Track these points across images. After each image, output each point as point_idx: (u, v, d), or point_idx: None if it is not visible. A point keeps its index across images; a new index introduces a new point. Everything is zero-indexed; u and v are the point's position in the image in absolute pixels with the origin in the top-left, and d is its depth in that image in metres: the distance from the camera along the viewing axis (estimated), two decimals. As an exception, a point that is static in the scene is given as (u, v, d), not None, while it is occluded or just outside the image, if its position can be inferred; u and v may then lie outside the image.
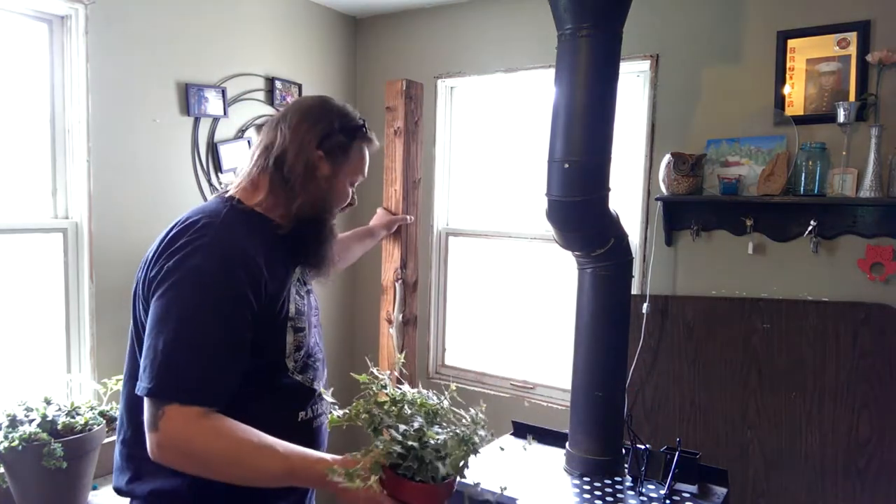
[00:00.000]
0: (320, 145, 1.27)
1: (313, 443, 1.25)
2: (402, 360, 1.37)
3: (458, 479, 1.04)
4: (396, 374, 2.60)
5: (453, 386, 1.18)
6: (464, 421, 1.07)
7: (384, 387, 1.10)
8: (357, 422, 1.05)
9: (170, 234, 1.18)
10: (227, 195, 1.27)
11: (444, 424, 1.06)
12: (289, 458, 1.07)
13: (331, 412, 1.10)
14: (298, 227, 1.27)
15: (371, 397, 1.08)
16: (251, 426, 1.10)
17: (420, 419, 1.05)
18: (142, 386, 1.08)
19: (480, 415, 1.09)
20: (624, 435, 2.04)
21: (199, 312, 1.09)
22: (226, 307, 1.11)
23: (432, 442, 1.00)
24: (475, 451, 1.03)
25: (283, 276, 1.24)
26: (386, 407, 1.05)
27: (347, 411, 1.05)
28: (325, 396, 1.09)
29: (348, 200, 1.37)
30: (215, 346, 1.10)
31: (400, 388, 1.12)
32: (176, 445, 1.06)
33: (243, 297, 1.13)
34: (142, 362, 1.10)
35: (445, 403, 1.10)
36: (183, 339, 1.08)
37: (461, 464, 1.00)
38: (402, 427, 1.01)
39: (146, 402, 1.08)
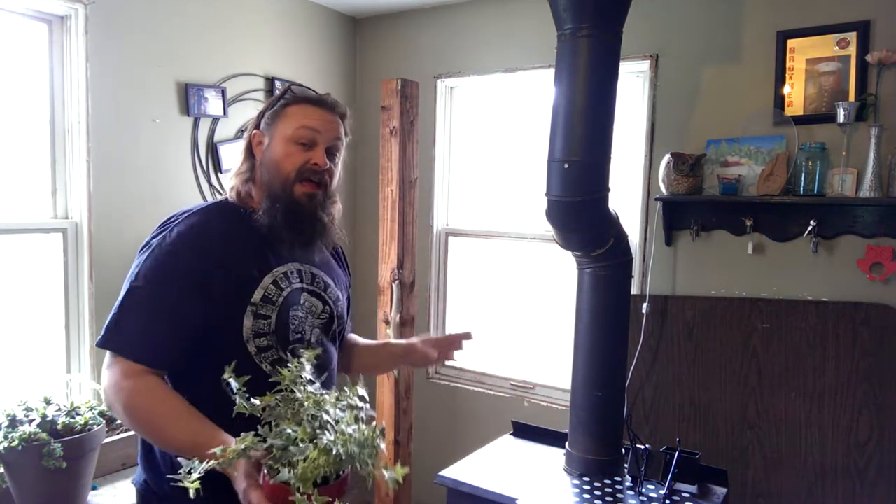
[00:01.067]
0: (257, 126, 1.39)
1: None
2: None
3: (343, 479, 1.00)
4: (395, 374, 2.62)
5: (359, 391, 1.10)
6: (348, 432, 1.00)
7: (296, 384, 1.05)
8: (257, 412, 1.03)
9: (162, 222, 1.36)
10: (223, 197, 1.41)
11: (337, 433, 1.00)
12: (197, 434, 1.12)
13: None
14: (269, 208, 1.33)
15: (283, 393, 1.05)
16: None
17: (317, 423, 0.99)
18: (99, 337, 1.25)
19: (374, 432, 1.01)
20: (624, 435, 2.04)
21: (148, 280, 1.24)
22: (173, 279, 1.24)
23: (300, 447, 0.96)
24: (339, 466, 0.96)
25: (256, 264, 1.31)
26: (292, 405, 1.03)
27: (257, 402, 1.03)
28: (231, 382, 1.05)
29: (303, 160, 1.33)
30: (158, 311, 1.23)
31: (314, 388, 1.07)
32: (111, 394, 1.19)
33: (192, 273, 1.24)
34: None
35: (337, 413, 1.03)
36: (131, 302, 1.24)
37: (314, 474, 0.93)
38: (286, 426, 0.99)
39: (107, 353, 1.24)
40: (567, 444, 2.08)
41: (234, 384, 1.04)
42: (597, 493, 1.88)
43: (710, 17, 2.56)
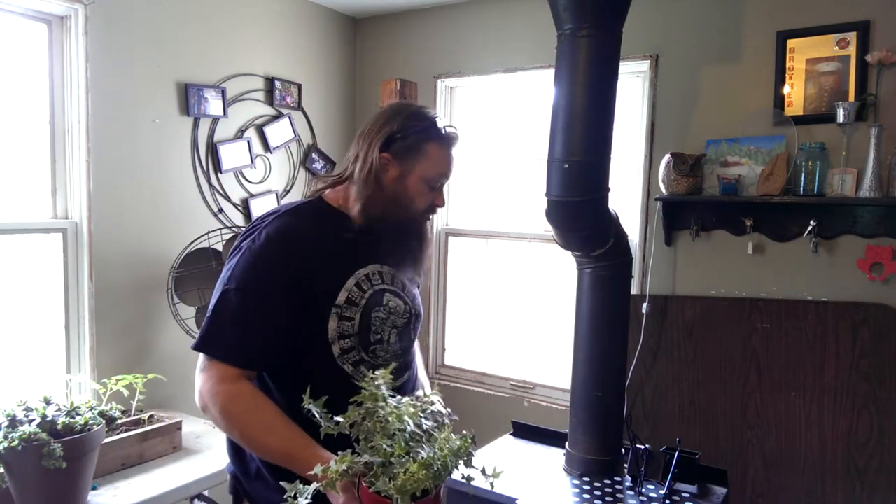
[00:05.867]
0: (385, 148, 1.34)
1: None
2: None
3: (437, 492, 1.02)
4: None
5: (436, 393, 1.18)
6: (445, 446, 1.01)
7: (377, 399, 1.06)
8: (345, 430, 1.03)
9: (251, 221, 1.39)
10: (317, 195, 1.43)
11: (430, 445, 1.01)
12: (290, 443, 1.16)
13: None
14: (376, 227, 1.36)
15: (365, 406, 1.05)
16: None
17: (407, 435, 1.01)
18: (195, 340, 1.26)
19: (467, 441, 1.03)
20: (624, 435, 2.04)
21: (240, 284, 1.25)
22: (264, 282, 1.25)
23: (399, 461, 0.97)
24: (439, 479, 0.99)
25: (341, 267, 1.33)
26: (376, 417, 1.03)
27: (340, 420, 1.03)
28: (311, 408, 1.05)
29: (430, 201, 1.40)
30: (251, 314, 1.24)
31: (394, 401, 1.07)
32: (207, 398, 1.21)
33: (282, 276, 1.26)
34: None
35: (426, 423, 1.05)
36: (224, 305, 1.25)
37: (414, 488, 0.94)
38: (380, 441, 0.99)
39: (200, 355, 1.26)
40: (567, 444, 2.08)
41: (314, 410, 1.05)
42: (597, 493, 1.88)
43: (710, 17, 2.56)
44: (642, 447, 1.94)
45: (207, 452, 2.22)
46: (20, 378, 2.32)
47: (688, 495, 1.86)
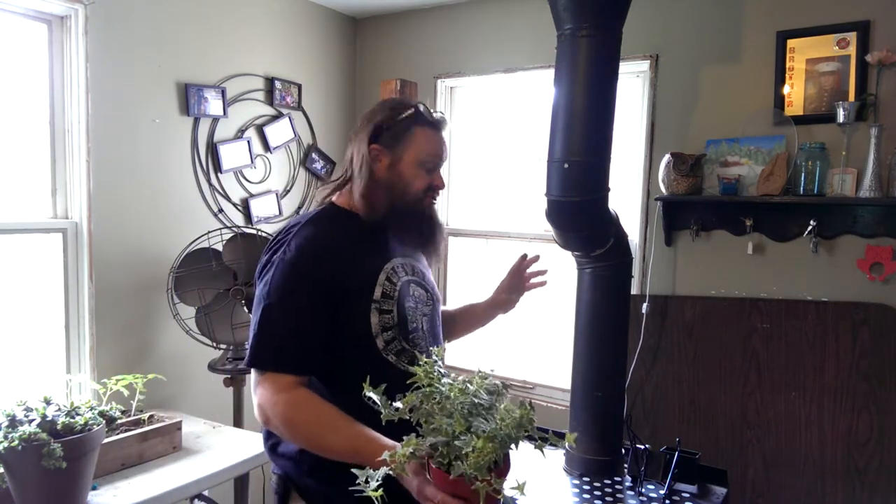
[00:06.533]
0: (375, 140, 1.41)
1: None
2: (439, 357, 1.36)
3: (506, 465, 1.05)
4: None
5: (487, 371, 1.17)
6: (506, 417, 1.05)
7: (432, 379, 1.10)
8: (405, 415, 1.07)
9: (274, 235, 1.43)
10: (327, 201, 1.48)
11: (490, 418, 1.05)
12: (355, 439, 1.19)
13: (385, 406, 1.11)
14: (384, 219, 1.42)
15: (422, 390, 1.09)
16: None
17: (465, 410, 1.05)
18: (245, 358, 1.32)
19: (527, 409, 1.06)
20: (624, 435, 2.04)
21: (279, 295, 1.30)
22: (302, 290, 1.30)
23: (463, 439, 1.01)
24: (507, 449, 1.04)
25: (370, 264, 1.39)
26: (435, 399, 1.07)
27: (400, 406, 1.07)
28: (371, 395, 1.08)
29: (427, 183, 1.44)
30: (294, 321, 1.29)
31: (449, 379, 1.11)
32: (267, 409, 1.26)
33: (319, 282, 1.31)
34: None
35: (485, 396, 1.08)
36: (268, 318, 1.30)
37: (486, 461, 0.99)
38: (440, 422, 1.03)
39: (252, 371, 1.32)
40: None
41: (374, 396, 1.08)
42: (597, 493, 1.88)
43: (710, 17, 2.56)
44: (642, 447, 1.94)
45: (207, 452, 2.22)
46: (20, 378, 2.32)
47: (688, 495, 1.86)
